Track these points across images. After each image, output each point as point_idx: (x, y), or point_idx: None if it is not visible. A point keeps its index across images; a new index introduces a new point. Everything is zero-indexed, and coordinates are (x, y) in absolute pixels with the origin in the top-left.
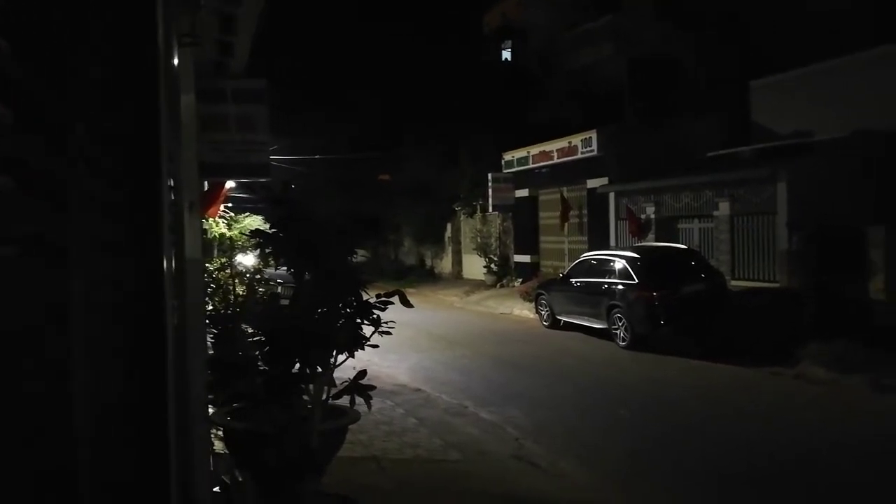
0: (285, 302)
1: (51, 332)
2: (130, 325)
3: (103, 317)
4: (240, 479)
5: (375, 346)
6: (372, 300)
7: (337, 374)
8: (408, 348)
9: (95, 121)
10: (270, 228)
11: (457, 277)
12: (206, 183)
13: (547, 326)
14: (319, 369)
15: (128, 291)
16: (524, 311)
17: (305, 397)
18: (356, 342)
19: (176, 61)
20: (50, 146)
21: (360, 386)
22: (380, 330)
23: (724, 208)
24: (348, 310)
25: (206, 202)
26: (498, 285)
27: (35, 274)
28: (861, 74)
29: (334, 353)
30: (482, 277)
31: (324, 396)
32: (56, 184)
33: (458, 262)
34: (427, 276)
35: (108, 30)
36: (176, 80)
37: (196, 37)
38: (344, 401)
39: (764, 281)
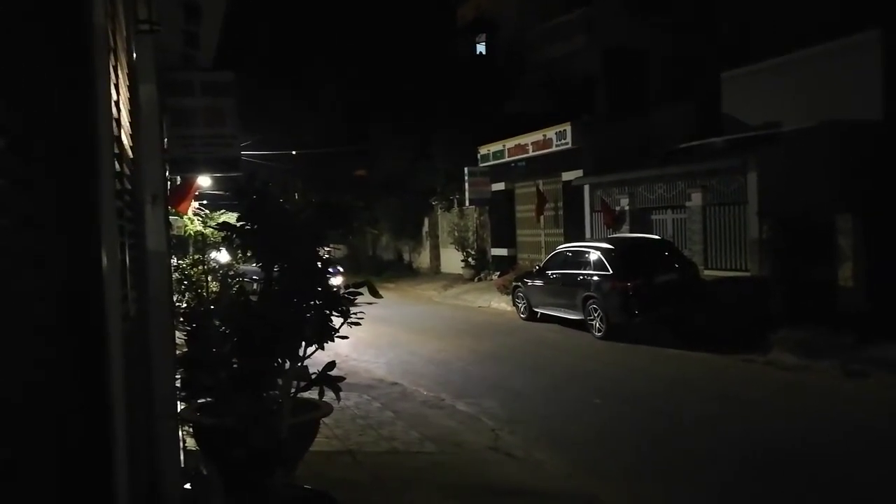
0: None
1: None
2: (64, 307)
3: (19, 294)
4: (205, 474)
5: (345, 338)
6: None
7: (314, 368)
8: (386, 343)
9: (16, 97)
10: (238, 221)
11: (435, 272)
12: (178, 178)
13: (524, 319)
14: (288, 363)
15: (53, 271)
16: (502, 304)
17: (275, 391)
18: (325, 334)
19: (135, 54)
20: None
21: (328, 378)
22: (349, 321)
23: (696, 199)
24: (317, 301)
25: (177, 197)
26: (476, 279)
27: None
28: (829, 65)
29: (303, 345)
30: (460, 271)
31: (293, 390)
32: None
33: (435, 256)
34: (405, 271)
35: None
36: (132, 69)
37: (155, 24)
38: (313, 393)
39: (736, 270)
